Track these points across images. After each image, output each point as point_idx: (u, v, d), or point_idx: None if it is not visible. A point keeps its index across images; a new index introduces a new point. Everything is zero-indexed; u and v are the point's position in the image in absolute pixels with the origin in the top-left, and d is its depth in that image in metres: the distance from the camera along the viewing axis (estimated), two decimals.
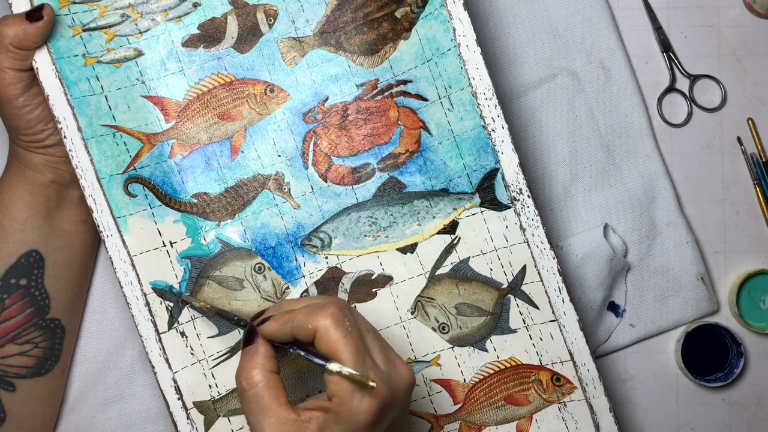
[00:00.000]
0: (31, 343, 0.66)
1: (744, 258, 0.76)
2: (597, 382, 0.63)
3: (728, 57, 0.77)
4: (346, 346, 0.52)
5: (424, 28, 0.63)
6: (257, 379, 0.53)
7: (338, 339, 0.52)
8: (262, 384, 0.53)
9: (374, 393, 0.51)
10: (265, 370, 0.54)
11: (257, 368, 0.54)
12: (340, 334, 0.52)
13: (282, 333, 0.54)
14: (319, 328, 0.52)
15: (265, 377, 0.53)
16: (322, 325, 0.52)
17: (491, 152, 0.62)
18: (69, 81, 0.61)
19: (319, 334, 0.52)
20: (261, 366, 0.54)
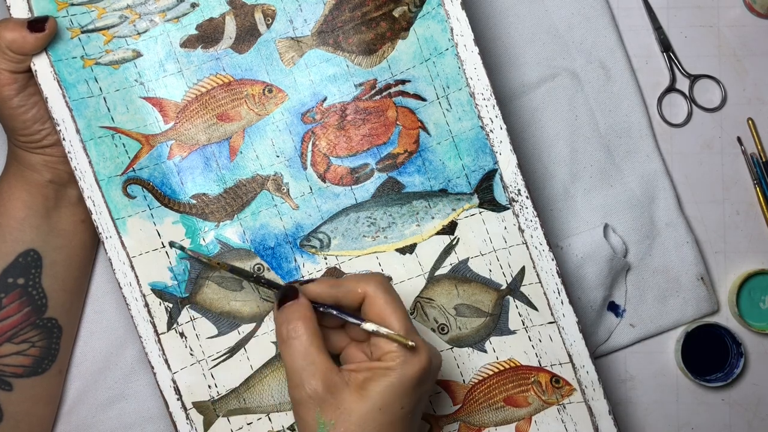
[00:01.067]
0: (28, 342, 0.66)
1: (744, 258, 0.76)
2: (596, 384, 0.63)
3: (728, 57, 0.77)
4: (396, 310, 0.55)
5: (422, 28, 0.63)
6: (301, 330, 0.54)
7: (390, 301, 0.55)
8: (309, 333, 0.54)
9: (423, 356, 0.54)
10: (310, 322, 0.55)
11: (302, 320, 0.55)
12: (391, 297, 0.55)
13: (327, 294, 0.56)
14: (369, 292, 0.55)
15: (309, 329, 0.54)
16: (371, 288, 0.55)
17: (489, 153, 0.62)
18: (67, 83, 0.61)
19: (369, 298, 0.55)
20: (305, 317, 0.55)
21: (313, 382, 0.53)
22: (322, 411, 0.53)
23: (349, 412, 0.52)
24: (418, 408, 0.55)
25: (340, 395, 0.53)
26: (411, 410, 0.54)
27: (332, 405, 0.53)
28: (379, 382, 0.53)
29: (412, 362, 0.54)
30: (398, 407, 0.53)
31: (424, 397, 0.56)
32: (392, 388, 0.53)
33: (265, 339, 0.64)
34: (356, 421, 0.52)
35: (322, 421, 0.53)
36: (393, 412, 0.53)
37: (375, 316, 0.55)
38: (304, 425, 0.53)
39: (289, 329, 0.55)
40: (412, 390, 0.54)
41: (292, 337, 0.54)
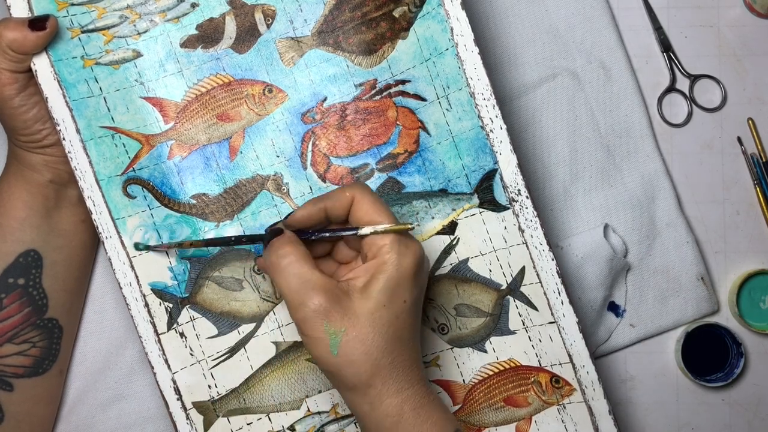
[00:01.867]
0: (28, 342, 0.66)
1: (744, 258, 0.76)
2: (596, 384, 0.63)
3: (728, 57, 0.77)
4: (383, 208, 0.56)
5: (422, 28, 0.63)
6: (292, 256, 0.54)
7: (376, 202, 0.56)
8: (298, 256, 0.54)
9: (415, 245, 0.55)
10: (298, 245, 0.55)
11: (289, 245, 0.55)
12: (375, 198, 0.56)
13: (315, 211, 0.56)
14: (357, 195, 0.56)
15: (298, 251, 0.55)
16: (358, 191, 0.56)
17: (490, 153, 0.62)
18: (67, 83, 0.61)
19: (357, 199, 0.56)
20: (292, 242, 0.55)
21: (315, 298, 0.53)
22: (330, 321, 0.53)
23: (356, 315, 0.53)
24: (420, 300, 0.56)
25: (344, 302, 0.54)
26: (413, 302, 0.55)
27: (338, 313, 0.53)
28: (378, 280, 0.54)
29: (406, 253, 0.55)
30: (401, 300, 0.54)
31: (423, 287, 0.57)
32: (392, 281, 0.54)
33: (265, 339, 0.64)
34: (365, 322, 0.53)
35: (332, 330, 0.53)
36: (398, 306, 0.54)
37: (364, 215, 0.56)
38: (314, 342, 0.53)
39: (278, 256, 0.54)
40: (411, 281, 0.55)
41: (283, 263, 0.54)
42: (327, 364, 0.54)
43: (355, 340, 0.53)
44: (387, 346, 0.54)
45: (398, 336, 0.54)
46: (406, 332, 0.55)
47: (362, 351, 0.53)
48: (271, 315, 0.64)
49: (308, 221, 0.57)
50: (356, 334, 0.53)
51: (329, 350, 0.53)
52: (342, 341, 0.53)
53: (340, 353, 0.53)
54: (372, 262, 0.55)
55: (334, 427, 0.65)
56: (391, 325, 0.54)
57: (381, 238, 0.55)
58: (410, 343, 0.56)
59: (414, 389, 0.55)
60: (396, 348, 0.54)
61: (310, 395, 0.65)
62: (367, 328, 0.53)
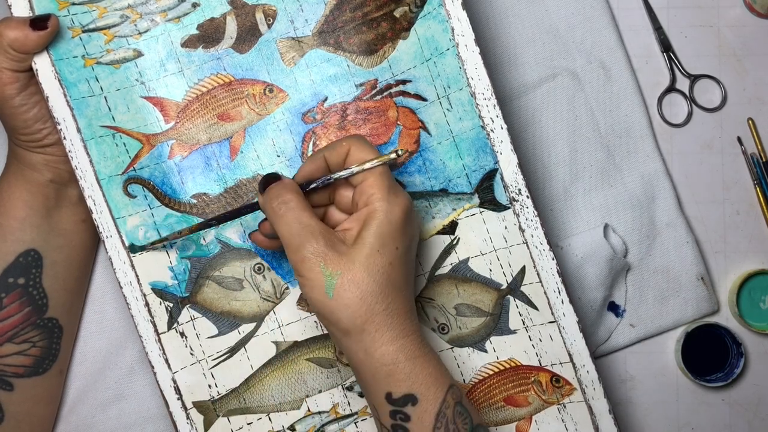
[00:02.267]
0: (28, 342, 0.66)
1: (744, 258, 0.76)
2: (596, 383, 0.63)
3: (728, 57, 0.77)
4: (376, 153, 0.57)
5: (423, 28, 0.63)
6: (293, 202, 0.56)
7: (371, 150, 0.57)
8: (298, 202, 0.56)
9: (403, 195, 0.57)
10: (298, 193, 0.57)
11: (290, 192, 0.56)
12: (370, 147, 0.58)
13: (317, 163, 0.58)
14: (353, 145, 0.58)
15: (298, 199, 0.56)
16: (354, 141, 0.58)
17: (490, 152, 0.62)
18: (68, 82, 0.61)
19: (355, 146, 0.57)
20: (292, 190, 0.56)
21: (313, 241, 0.55)
22: (327, 263, 0.54)
23: (352, 260, 0.54)
24: (411, 250, 0.58)
25: (340, 247, 0.55)
26: (405, 250, 0.56)
27: (334, 257, 0.54)
28: (370, 226, 0.55)
29: (395, 201, 0.56)
30: (393, 247, 0.55)
31: (414, 238, 0.58)
32: (383, 227, 0.55)
33: (266, 339, 0.64)
34: (360, 267, 0.54)
35: (329, 272, 0.54)
36: (390, 252, 0.55)
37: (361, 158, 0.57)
38: (311, 284, 0.55)
39: (279, 202, 0.56)
40: (402, 228, 0.56)
41: (284, 209, 0.56)
42: (322, 307, 0.55)
43: (350, 283, 0.54)
44: (381, 291, 0.55)
45: (392, 283, 0.55)
46: (400, 279, 0.56)
47: (357, 295, 0.54)
48: (271, 315, 0.64)
49: (312, 175, 0.58)
50: (351, 277, 0.54)
51: (325, 292, 0.54)
52: (337, 284, 0.54)
53: (335, 295, 0.54)
54: (363, 210, 0.56)
55: (334, 427, 0.65)
56: (384, 271, 0.55)
57: (370, 187, 0.56)
58: (404, 291, 0.56)
59: (409, 339, 0.56)
60: (390, 294, 0.55)
61: (310, 395, 0.65)
62: (362, 272, 0.54)
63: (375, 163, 0.56)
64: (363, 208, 0.56)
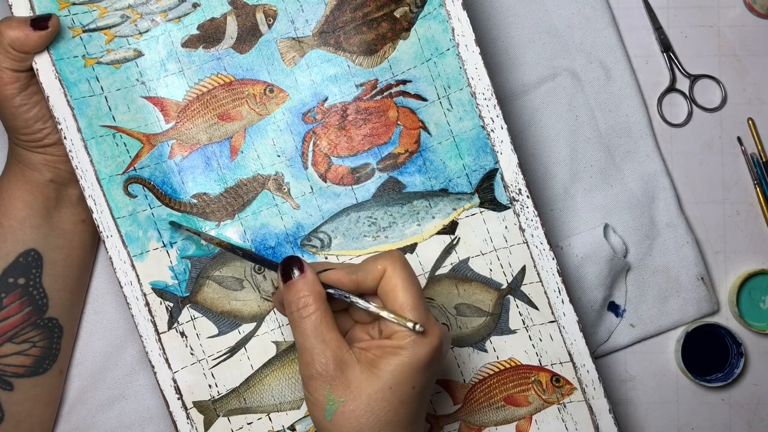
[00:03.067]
0: (29, 342, 0.66)
1: (744, 258, 0.76)
2: (596, 383, 0.63)
3: (728, 57, 0.77)
4: (413, 284, 0.54)
5: (423, 28, 0.63)
6: (312, 309, 0.54)
7: (407, 277, 0.54)
8: (320, 311, 0.54)
9: (435, 336, 0.53)
10: (319, 298, 0.54)
11: (312, 296, 0.54)
12: (408, 272, 0.54)
13: (347, 281, 0.55)
14: (389, 267, 0.54)
15: (320, 306, 0.54)
16: (390, 264, 0.54)
17: (490, 152, 0.62)
18: (69, 82, 0.61)
19: (389, 272, 0.54)
20: (315, 293, 0.54)
21: (323, 360, 0.52)
22: (332, 388, 0.53)
23: (359, 390, 0.52)
24: (429, 388, 0.55)
25: (350, 373, 0.53)
26: (421, 390, 0.54)
27: (342, 383, 0.52)
28: (390, 361, 0.53)
29: (423, 342, 0.53)
30: (409, 387, 0.53)
31: (434, 377, 0.55)
32: (403, 367, 0.52)
33: (266, 339, 0.64)
34: (366, 399, 0.52)
35: (332, 397, 0.52)
36: (403, 392, 0.53)
37: (390, 291, 0.54)
38: (314, 402, 0.53)
39: (300, 307, 0.54)
40: (424, 370, 0.53)
41: (303, 316, 0.54)
42: (319, 426, 0.54)
43: (350, 414, 0.52)
44: (381, 429, 0.52)
45: (396, 421, 0.53)
46: (407, 418, 0.53)
47: (354, 426, 0.52)
48: (271, 314, 0.64)
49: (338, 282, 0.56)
50: (353, 408, 0.52)
51: (324, 414, 0.53)
52: (338, 410, 0.52)
53: (333, 421, 0.52)
54: (387, 342, 0.53)
55: None
56: (392, 408, 0.52)
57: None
58: (410, 427, 0.54)
59: None
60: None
61: None
62: (365, 406, 0.52)
63: (393, 319, 0.53)
64: (387, 337, 0.54)
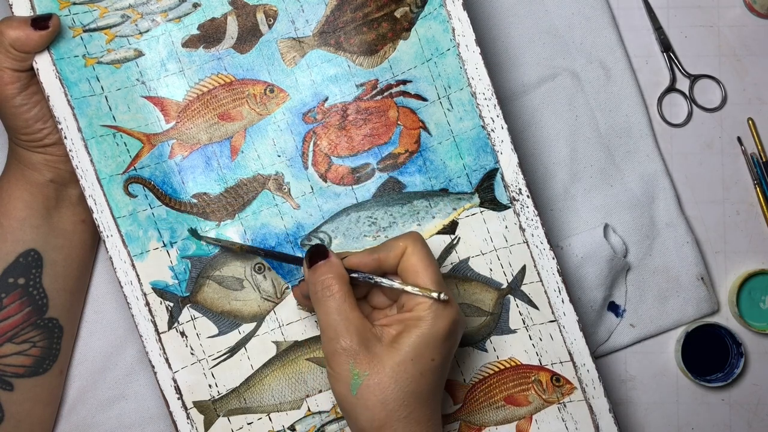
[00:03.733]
0: (29, 342, 0.66)
1: (744, 258, 0.76)
2: (597, 382, 0.63)
3: (728, 57, 0.77)
4: (432, 262, 0.57)
5: (424, 28, 0.63)
6: (336, 288, 0.56)
7: (427, 254, 0.57)
8: (343, 292, 0.56)
9: (453, 308, 0.56)
10: (343, 280, 0.56)
11: (336, 278, 0.56)
12: (426, 252, 0.57)
13: (369, 261, 0.57)
14: (409, 246, 0.57)
15: (343, 287, 0.56)
16: (411, 243, 0.57)
17: (491, 152, 0.63)
18: (69, 82, 0.61)
19: (409, 250, 0.56)
20: (339, 276, 0.56)
21: (347, 337, 0.54)
22: (356, 363, 0.54)
23: (382, 363, 0.54)
24: (447, 361, 0.56)
25: (374, 348, 0.55)
26: (441, 363, 0.55)
27: (366, 357, 0.54)
28: (411, 334, 0.55)
29: (443, 314, 0.55)
30: (429, 359, 0.55)
31: (452, 350, 0.57)
32: (424, 338, 0.54)
33: (266, 339, 0.64)
34: (389, 372, 0.54)
35: (356, 371, 0.54)
36: (424, 363, 0.55)
37: (410, 268, 0.56)
38: (337, 377, 0.55)
39: (324, 287, 0.56)
40: (443, 342, 0.55)
41: (327, 296, 0.56)
42: (344, 401, 0.55)
43: (375, 386, 0.54)
44: (405, 399, 0.54)
45: (419, 392, 0.55)
46: (428, 390, 0.55)
47: (379, 398, 0.54)
48: (271, 314, 0.64)
49: (359, 265, 0.58)
50: (378, 380, 0.54)
51: (349, 389, 0.54)
52: (363, 384, 0.54)
53: (359, 395, 0.54)
54: (407, 315, 0.56)
55: (334, 426, 0.65)
56: (413, 380, 0.54)
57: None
58: (430, 401, 0.56)
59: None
60: (413, 403, 0.54)
61: (310, 395, 0.65)
62: (389, 378, 0.54)
63: (417, 291, 0.55)
64: (407, 311, 0.56)
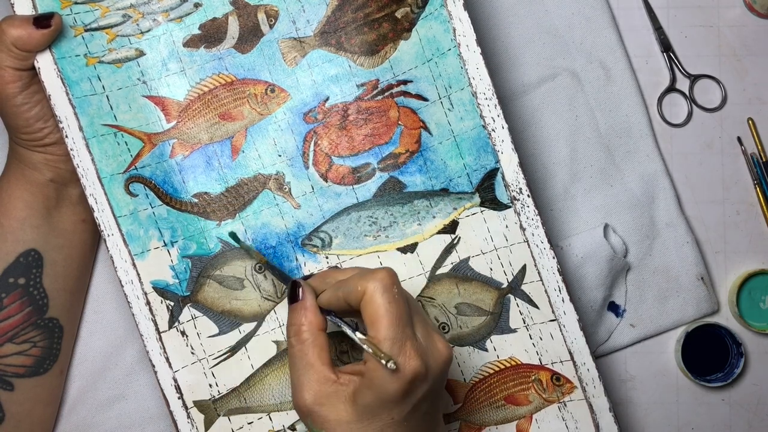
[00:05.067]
0: (29, 342, 0.66)
1: (744, 258, 0.76)
2: (597, 381, 0.63)
3: (728, 57, 0.77)
4: (388, 313, 0.52)
5: (425, 29, 0.63)
6: (305, 336, 0.56)
7: (383, 304, 0.52)
8: (310, 341, 0.55)
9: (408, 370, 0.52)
10: (313, 327, 0.56)
11: (306, 325, 0.56)
12: (385, 299, 0.52)
13: (335, 299, 0.56)
14: (368, 291, 0.53)
15: (312, 335, 0.56)
16: (370, 287, 0.53)
17: (491, 152, 0.63)
18: (71, 81, 0.61)
19: (367, 296, 0.53)
20: (309, 323, 0.56)
21: (305, 394, 0.54)
22: (313, 421, 0.54)
23: (337, 422, 0.53)
24: (414, 418, 0.54)
25: (330, 406, 0.54)
26: (404, 417, 0.54)
27: (321, 417, 0.54)
28: (364, 395, 0.53)
29: (392, 378, 0.52)
30: (387, 417, 0.53)
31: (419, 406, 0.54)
32: (374, 400, 0.53)
33: (266, 338, 0.64)
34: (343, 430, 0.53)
35: (315, 429, 0.54)
36: (383, 421, 0.53)
37: (367, 317, 0.53)
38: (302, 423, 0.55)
39: (294, 334, 0.56)
40: (399, 402, 0.53)
41: (293, 344, 0.56)
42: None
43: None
44: None
45: None
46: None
47: None
48: (272, 314, 0.64)
49: (328, 305, 0.57)
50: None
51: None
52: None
53: None
54: (364, 368, 0.54)
55: None
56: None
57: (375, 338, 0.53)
58: None
59: None
60: None
61: None
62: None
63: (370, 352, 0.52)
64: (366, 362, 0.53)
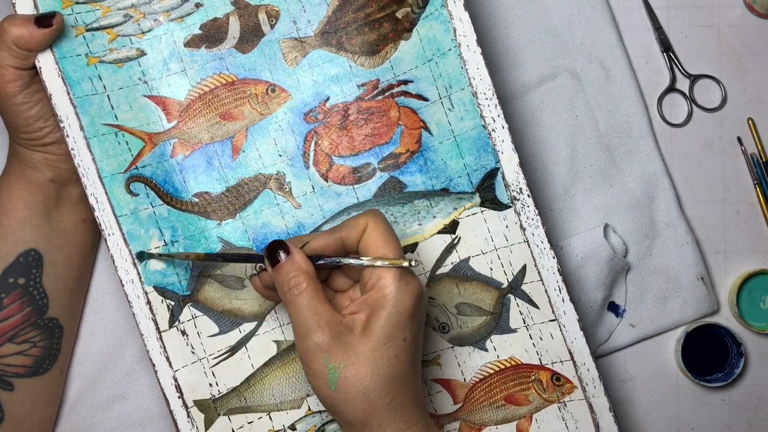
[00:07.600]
0: (29, 342, 0.66)
1: (744, 258, 0.77)
2: (597, 381, 0.63)
3: (728, 57, 0.77)
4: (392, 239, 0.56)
5: (425, 29, 0.63)
6: (304, 285, 0.55)
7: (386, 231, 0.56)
8: (311, 288, 0.55)
9: (414, 283, 0.55)
10: (310, 275, 0.56)
11: (303, 274, 0.56)
12: (387, 228, 0.57)
13: (332, 241, 0.57)
14: (371, 221, 0.56)
15: (311, 282, 0.56)
16: (372, 217, 0.57)
17: (491, 152, 0.63)
18: (72, 80, 0.61)
19: (371, 225, 0.56)
20: (306, 272, 0.56)
21: (319, 331, 0.54)
22: (330, 356, 0.54)
23: (356, 353, 0.54)
24: (419, 337, 0.57)
25: (346, 339, 0.54)
26: (413, 340, 0.56)
27: (339, 350, 0.54)
28: (379, 316, 0.54)
29: (406, 290, 0.55)
30: (401, 339, 0.55)
31: (421, 325, 0.57)
32: (392, 319, 0.54)
33: (266, 338, 0.64)
34: (364, 361, 0.54)
35: (332, 366, 0.54)
36: (397, 344, 0.55)
37: (372, 243, 0.56)
38: (314, 374, 0.55)
39: (291, 286, 0.56)
40: (411, 318, 0.55)
41: (295, 294, 0.55)
42: (325, 398, 0.55)
43: (353, 377, 0.54)
44: (385, 386, 0.54)
45: (397, 376, 0.55)
46: (405, 371, 0.55)
47: (359, 390, 0.54)
48: (272, 314, 0.65)
49: (324, 250, 0.57)
50: (354, 371, 0.54)
51: (328, 385, 0.54)
52: (340, 377, 0.54)
53: (338, 389, 0.54)
54: (372, 295, 0.55)
55: (334, 426, 0.65)
56: (390, 364, 0.54)
57: (382, 271, 0.55)
58: (409, 382, 0.56)
59: (414, 429, 0.55)
60: (394, 388, 0.54)
61: (311, 394, 0.65)
62: (366, 367, 0.54)
63: (386, 264, 0.55)
64: (372, 291, 0.55)
